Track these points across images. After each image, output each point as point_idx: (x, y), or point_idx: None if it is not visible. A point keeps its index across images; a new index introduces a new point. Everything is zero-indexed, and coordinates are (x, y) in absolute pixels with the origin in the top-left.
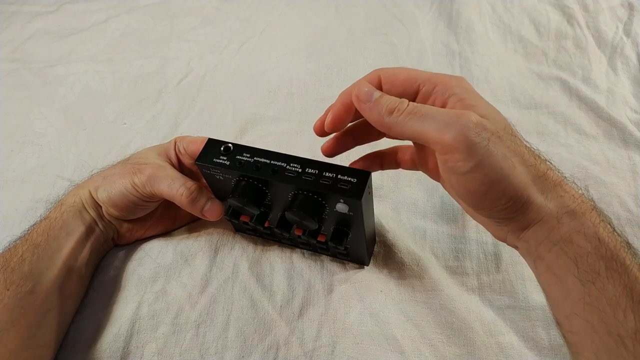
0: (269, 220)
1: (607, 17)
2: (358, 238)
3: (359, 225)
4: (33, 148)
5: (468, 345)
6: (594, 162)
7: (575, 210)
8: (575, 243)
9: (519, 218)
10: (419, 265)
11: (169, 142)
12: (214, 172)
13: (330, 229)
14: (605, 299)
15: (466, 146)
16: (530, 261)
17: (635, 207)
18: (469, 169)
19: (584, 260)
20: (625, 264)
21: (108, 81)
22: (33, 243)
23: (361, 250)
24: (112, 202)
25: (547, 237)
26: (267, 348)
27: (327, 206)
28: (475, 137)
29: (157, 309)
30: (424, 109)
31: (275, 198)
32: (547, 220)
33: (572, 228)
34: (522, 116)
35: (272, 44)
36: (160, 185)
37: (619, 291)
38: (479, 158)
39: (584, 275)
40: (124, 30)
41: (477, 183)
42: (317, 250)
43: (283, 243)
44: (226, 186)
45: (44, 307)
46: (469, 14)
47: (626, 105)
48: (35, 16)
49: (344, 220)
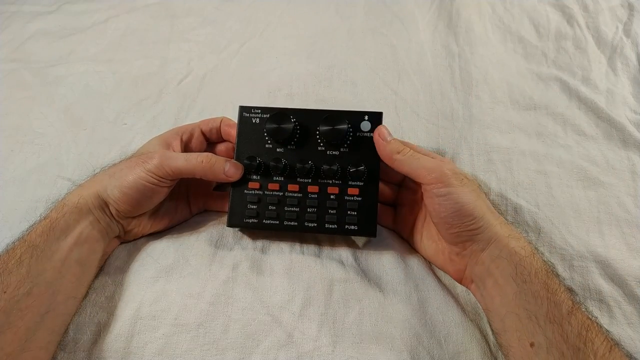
0: (288, 168)
1: (607, 18)
2: (371, 191)
3: (374, 161)
4: (33, 148)
5: (467, 345)
6: (593, 162)
7: (518, 237)
8: (517, 254)
9: (480, 237)
10: (418, 266)
11: (167, 133)
12: (254, 112)
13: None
14: (530, 292)
15: (444, 180)
16: (482, 286)
17: (634, 208)
18: (444, 193)
19: (521, 266)
20: (547, 270)
21: (108, 81)
22: (32, 244)
23: (372, 210)
24: (126, 195)
25: (499, 255)
26: (267, 348)
27: (351, 130)
28: (451, 176)
29: (157, 310)
30: (419, 155)
31: (304, 134)
32: (500, 240)
33: (516, 245)
34: (521, 117)
35: (272, 44)
36: (177, 162)
37: (540, 286)
38: (452, 188)
39: (520, 278)
40: (124, 30)
41: (450, 204)
42: (325, 227)
43: (287, 227)
44: (258, 132)
45: (43, 309)
46: (468, 14)
47: (626, 105)
48: (35, 16)
49: (361, 157)
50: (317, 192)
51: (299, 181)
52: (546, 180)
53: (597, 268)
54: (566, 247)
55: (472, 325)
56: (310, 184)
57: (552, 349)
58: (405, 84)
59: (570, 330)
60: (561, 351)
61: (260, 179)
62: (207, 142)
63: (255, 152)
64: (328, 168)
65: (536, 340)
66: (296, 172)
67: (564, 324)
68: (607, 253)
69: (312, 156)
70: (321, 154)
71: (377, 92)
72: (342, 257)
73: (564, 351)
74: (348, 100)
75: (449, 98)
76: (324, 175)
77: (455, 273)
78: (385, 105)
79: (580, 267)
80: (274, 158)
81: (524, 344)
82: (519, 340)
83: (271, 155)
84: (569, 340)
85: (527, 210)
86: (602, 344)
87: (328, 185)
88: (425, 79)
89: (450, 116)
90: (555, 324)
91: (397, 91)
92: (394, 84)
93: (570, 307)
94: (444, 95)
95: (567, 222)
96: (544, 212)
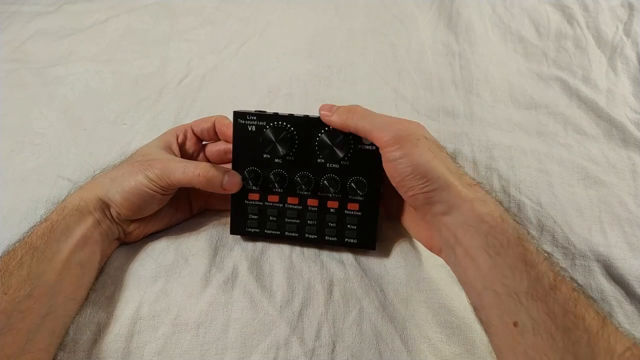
0: (287, 179)
1: (607, 17)
2: (371, 206)
3: (377, 176)
4: (33, 148)
5: (468, 344)
6: (594, 162)
7: (485, 199)
8: (485, 222)
9: (437, 199)
10: (419, 265)
11: (165, 134)
12: (249, 120)
13: (347, 184)
14: (506, 265)
15: (397, 141)
16: (451, 253)
17: (635, 207)
18: (399, 155)
19: (492, 236)
20: (521, 237)
21: (108, 81)
22: (32, 246)
23: (372, 224)
24: (127, 201)
25: (464, 221)
26: (267, 348)
27: (352, 142)
28: (404, 137)
29: (157, 310)
30: (372, 114)
31: (302, 145)
32: (463, 204)
33: (483, 211)
34: (521, 116)
35: (272, 44)
36: (176, 174)
37: (516, 258)
38: (406, 150)
39: (492, 249)
40: (124, 30)
41: (405, 166)
42: (325, 239)
43: (288, 237)
44: (254, 141)
45: (43, 311)
46: (469, 14)
47: (626, 105)
48: (35, 16)
49: (362, 171)
50: (317, 205)
51: (299, 194)
52: (548, 179)
53: (599, 267)
54: (568, 246)
55: (476, 323)
56: (310, 197)
57: (539, 330)
58: (406, 82)
59: (557, 307)
60: (549, 332)
61: (259, 190)
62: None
63: (254, 162)
64: (327, 183)
65: (519, 319)
66: (295, 184)
67: (548, 301)
68: (609, 252)
69: (311, 168)
70: (320, 166)
71: (377, 91)
72: (342, 257)
73: (553, 332)
74: (348, 99)
75: (450, 96)
76: (323, 188)
77: (426, 241)
78: (386, 103)
79: (582, 266)
80: (272, 171)
81: (506, 323)
82: (499, 318)
83: (270, 167)
84: (557, 319)
85: (530, 207)
86: (594, 320)
87: (328, 199)
88: (425, 77)
89: (451, 113)
90: (539, 301)
91: (398, 89)
92: (394, 82)
93: (552, 280)
94: (445, 93)
95: (569, 221)
96: (547, 210)
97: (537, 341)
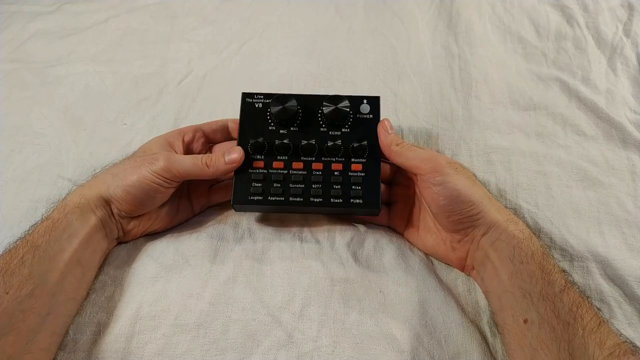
0: (291, 148)
1: (606, 18)
2: (373, 168)
3: (376, 141)
4: (33, 148)
5: (467, 345)
6: (593, 163)
7: (515, 220)
8: (516, 237)
9: (480, 222)
10: (418, 266)
11: (169, 133)
12: (256, 98)
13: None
14: (526, 271)
15: (440, 169)
16: (483, 270)
17: (634, 208)
18: (440, 182)
19: (519, 248)
20: (543, 252)
21: (108, 81)
22: (34, 245)
23: (375, 185)
24: (129, 195)
25: (498, 238)
26: (267, 348)
27: (351, 112)
28: (446, 165)
29: (157, 310)
30: (415, 147)
31: (306, 117)
32: (499, 224)
33: (514, 229)
34: (521, 117)
35: (272, 44)
36: (184, 164)
37: (536, 267)
38: (447, 177)
39: (517, 259)
40: (124, 30)
41: (447, 192)
42: (330, 201)
43: (292, 203)
44: (261, 116)
45: (44, 310)
46: (468, 14)
47: (626, 106)
48: (35, 16)
49: (362, 137)
50: (322, 169)
51: (303, 159)
52: (545, 181)
53: (598, 268)
54: (566, 247)
55: (473, 326)
56: (315, 161)
57: (543, 324)
58: (405, 85)
59: (562, 306)
60: (552, 326)
61: (264, 158)
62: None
63: (259, 134)
64: (332, 144)
65: (529, 316)
66: (300, 151)
67: (556, 301)
68: (607, 253)
69: (315, 136)
70: (324, 134)
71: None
72: (343, 257)
73: (555, 325)
74: None
75: (449, 99)
76: (327, 153)
77: (458, 262)
78: (385, 107)
79: (581, 267)
80: (277, 141)
81: (518, 321)
82: (513, 317)
83: (275, 136)
84: (560, 316)
85: (526, 210)
86: (591, 320)
87: (332, 162)
88: (424, 80)
89: (449, 117)
90: (548, 301)
91: (397, 92)
92: (393, 85)
93: (562, 286)
94: (444, 96)
95: (567, 222)
96: (544, 212)
97: (541, 333)
